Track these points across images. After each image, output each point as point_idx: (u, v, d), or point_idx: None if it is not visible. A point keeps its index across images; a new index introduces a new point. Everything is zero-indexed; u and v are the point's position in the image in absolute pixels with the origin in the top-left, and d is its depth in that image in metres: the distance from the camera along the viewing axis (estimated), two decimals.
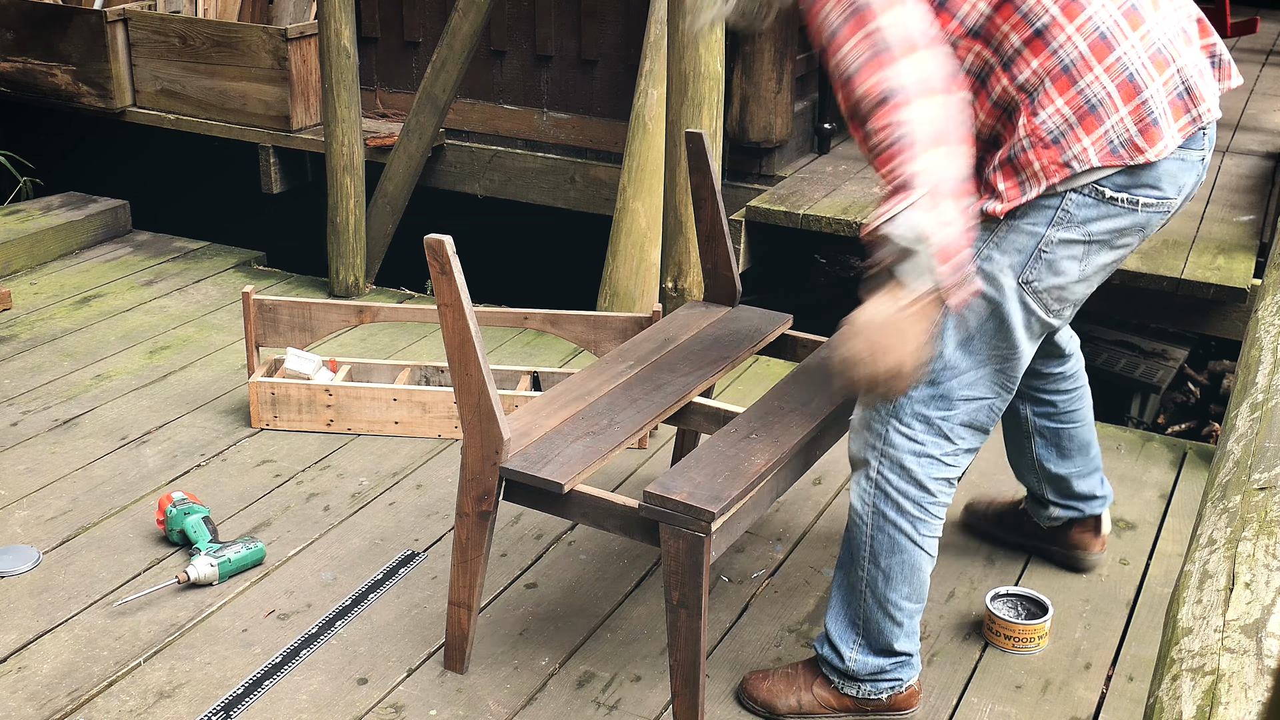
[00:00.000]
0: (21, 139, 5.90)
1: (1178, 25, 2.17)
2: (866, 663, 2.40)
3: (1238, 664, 1.18)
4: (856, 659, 2.40)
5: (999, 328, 2.20)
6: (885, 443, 2.27)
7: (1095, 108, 2.06)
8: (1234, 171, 5.09)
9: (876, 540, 2.31)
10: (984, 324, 2.20)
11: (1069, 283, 2.19)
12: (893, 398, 2.20)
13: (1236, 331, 4.17)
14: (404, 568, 2.92)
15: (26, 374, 3.85)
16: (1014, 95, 2.11)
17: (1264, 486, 1.48)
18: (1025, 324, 2.21)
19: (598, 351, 3.48)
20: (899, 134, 1.90)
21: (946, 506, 2.33)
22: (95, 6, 5.42)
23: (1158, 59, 2.10)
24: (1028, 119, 2.09)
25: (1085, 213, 2.13)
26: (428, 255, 2.23)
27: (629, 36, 4.80)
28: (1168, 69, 2.12)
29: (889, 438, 2.26)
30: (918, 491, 2.28)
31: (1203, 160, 2.20)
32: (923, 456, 2.26)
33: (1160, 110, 2.10)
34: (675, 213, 3.80)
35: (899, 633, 2.37)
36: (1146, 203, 2.14)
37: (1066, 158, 2.07)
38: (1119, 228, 2.16)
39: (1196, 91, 2.16)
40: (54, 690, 2.51)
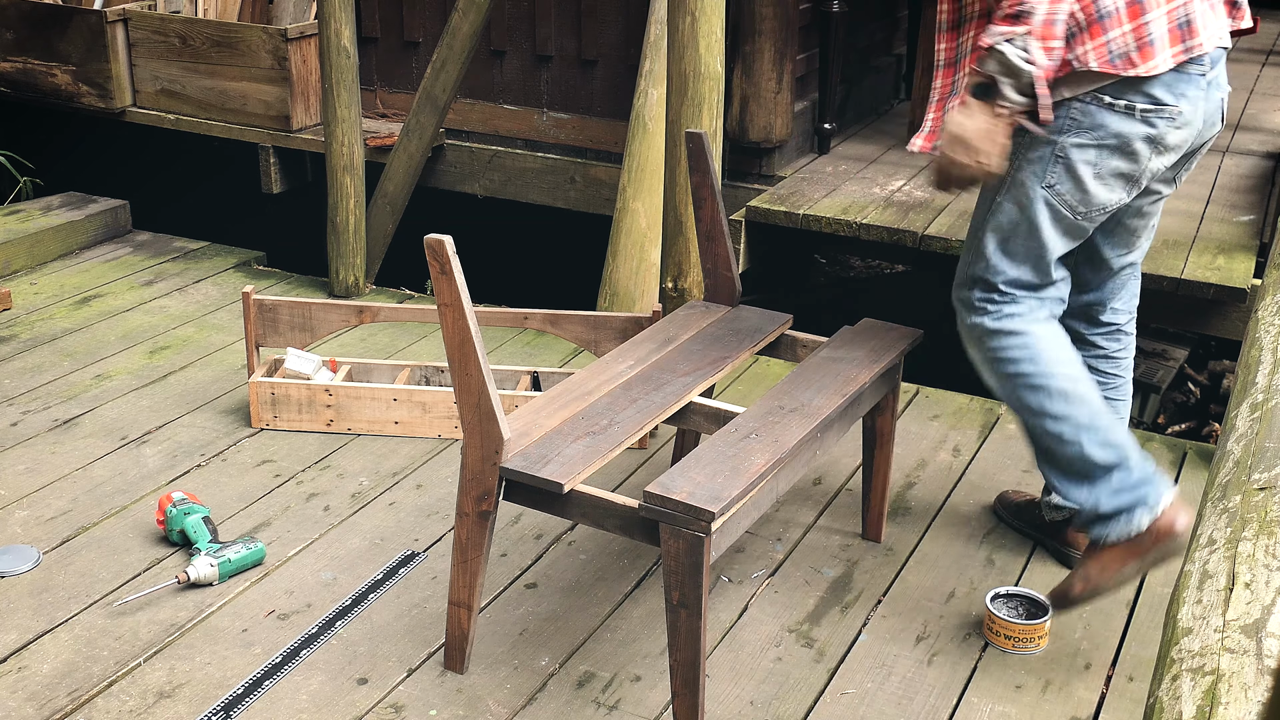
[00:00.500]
0: (21, 139, 5.90)
1: None
2: (1097, 496, 2.52)
3: (1238, 664, 1.18)
4: (1088, 498, 2.53)
5: (1030, 230, 2.52)
6: (965, 308, 2.67)
7: (1103, 18, 2.32)
8: (1234, 171, 5.09)
9: (1003, 390, 2.63)
10: (1017, 227, 2.53)
11: (1087, 183, 2.45)
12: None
13: (1236, 331, 4.17)
14: (404, 568, 2.92)
15: (26, 374, 3.85)
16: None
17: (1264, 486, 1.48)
18: (1053, 224, 2.51)
19: (598, 351, 3.48)
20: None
21: (1039, 322, 2.60)
22: (95, 6, 5.42)
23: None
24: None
25: (1090, 119, 2.39)
26: (428, 255, 2.23)
27: (629, 36, 4.80)
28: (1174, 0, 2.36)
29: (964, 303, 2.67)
30: (999, 339, 2.62)
31: (1204, 77, 2.45)
32: (986, 315, 2.63)
33: (1159, 34, 2.34)
34: (675, 213, 3.80)
35: (1087, 444, 2.50)
36: (1144, 109, 2.38)
37: (1070, 56, 2.33)
38: (1122, 132, 2.40)
39: (1195, 25, 2.40)
40: (54, 690, 2.51)
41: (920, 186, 4.84)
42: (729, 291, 3.04)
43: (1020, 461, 3.47)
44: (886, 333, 2.92)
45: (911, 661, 2.66)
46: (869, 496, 3.03)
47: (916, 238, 4.39)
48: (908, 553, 3.04)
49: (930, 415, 3.73)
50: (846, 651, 2.68)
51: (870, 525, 3.06)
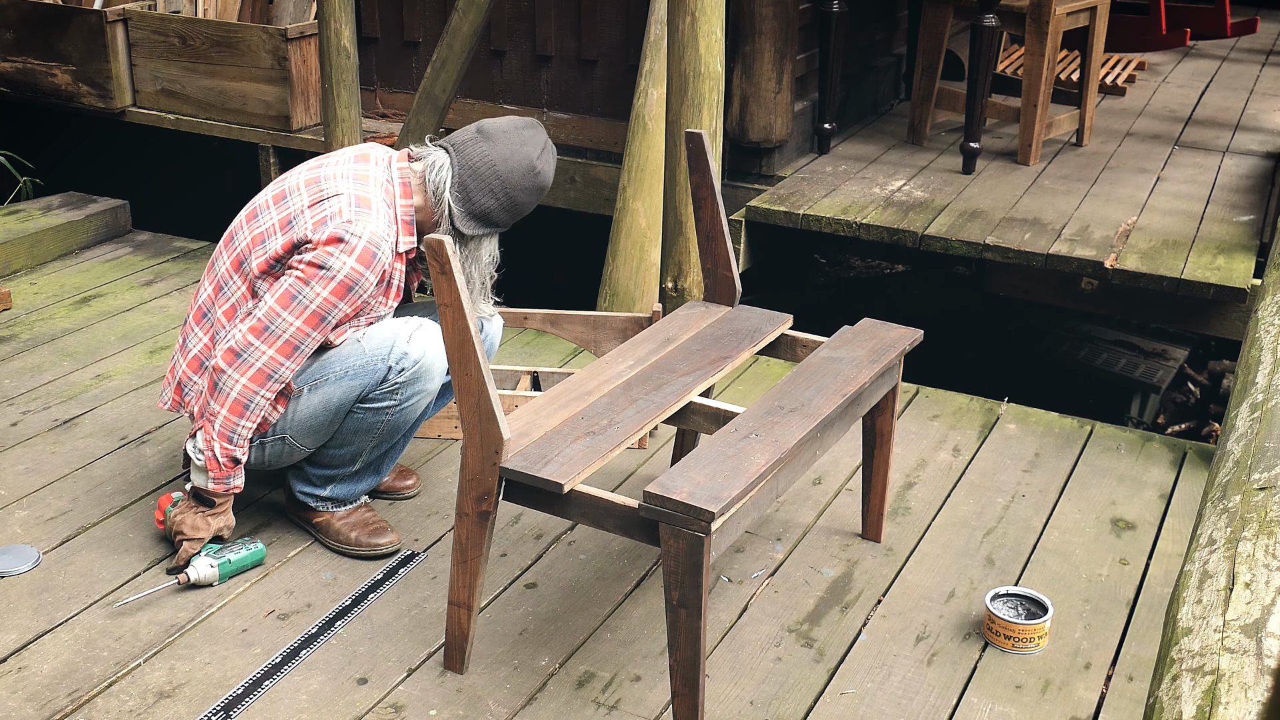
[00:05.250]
0: (21, 139, 5.90)
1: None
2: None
3: (1238, 664, 1.18)
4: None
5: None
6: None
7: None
8: (1234, 171, 5.09)
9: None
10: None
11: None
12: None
13: (1236, 331, 4.18)
14: (404, 568, 2.92)
15: (26, 374, 3.85)
16: None
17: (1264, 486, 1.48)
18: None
19: (598, 351, 3.48)
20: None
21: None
22: (95, 6, 5.42)
23: None
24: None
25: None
26: (427, 255, 2.23)
27: (629, 36, 4.80)
28: None
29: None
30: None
31: None
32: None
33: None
34: (675, 213, 3.80)
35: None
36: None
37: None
38: None
39: None
40: (54, 690, 2.51)
41: (920, 186, 4.85)
42: (729, 291, 3.04)
43: (1020, 461, 3.48)
44: (886, 333, 2.92)
45: (911, 661, 2.66)
46: (869, 496, 3.03)
47: (916, 238, 4.39)
48: (908, 553, 3.04)
49: (930, 415, 3.73)
50: (846, 651, 2.68)
51: (870, 525, 3.06)
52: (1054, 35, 4.93)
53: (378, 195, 2.71)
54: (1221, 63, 7.10)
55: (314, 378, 2.76)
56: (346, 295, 2.65)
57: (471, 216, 2.76)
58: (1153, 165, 5.16)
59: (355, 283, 2.65)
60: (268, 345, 2.64)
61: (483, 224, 2.77)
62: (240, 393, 2.65)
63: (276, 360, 2.65)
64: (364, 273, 2.65)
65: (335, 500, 2.95)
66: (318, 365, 2.77)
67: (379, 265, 2.66)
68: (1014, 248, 4.24)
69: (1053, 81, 5.15)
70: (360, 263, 2.64)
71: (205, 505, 2.79)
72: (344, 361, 2.76)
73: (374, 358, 2.74)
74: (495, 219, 2.77)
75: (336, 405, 2.77)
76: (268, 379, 2.66)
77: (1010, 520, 3.19)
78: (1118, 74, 6.53)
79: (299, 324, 2.64)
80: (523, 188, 2.74)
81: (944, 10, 5.20)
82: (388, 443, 2.89)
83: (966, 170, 5.00)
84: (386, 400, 2.78)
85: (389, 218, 2.71)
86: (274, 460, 2.86)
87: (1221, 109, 6.08)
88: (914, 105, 5.40)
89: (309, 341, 2.67)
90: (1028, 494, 3.31)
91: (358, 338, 2.78)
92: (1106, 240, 4.28)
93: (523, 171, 2.73)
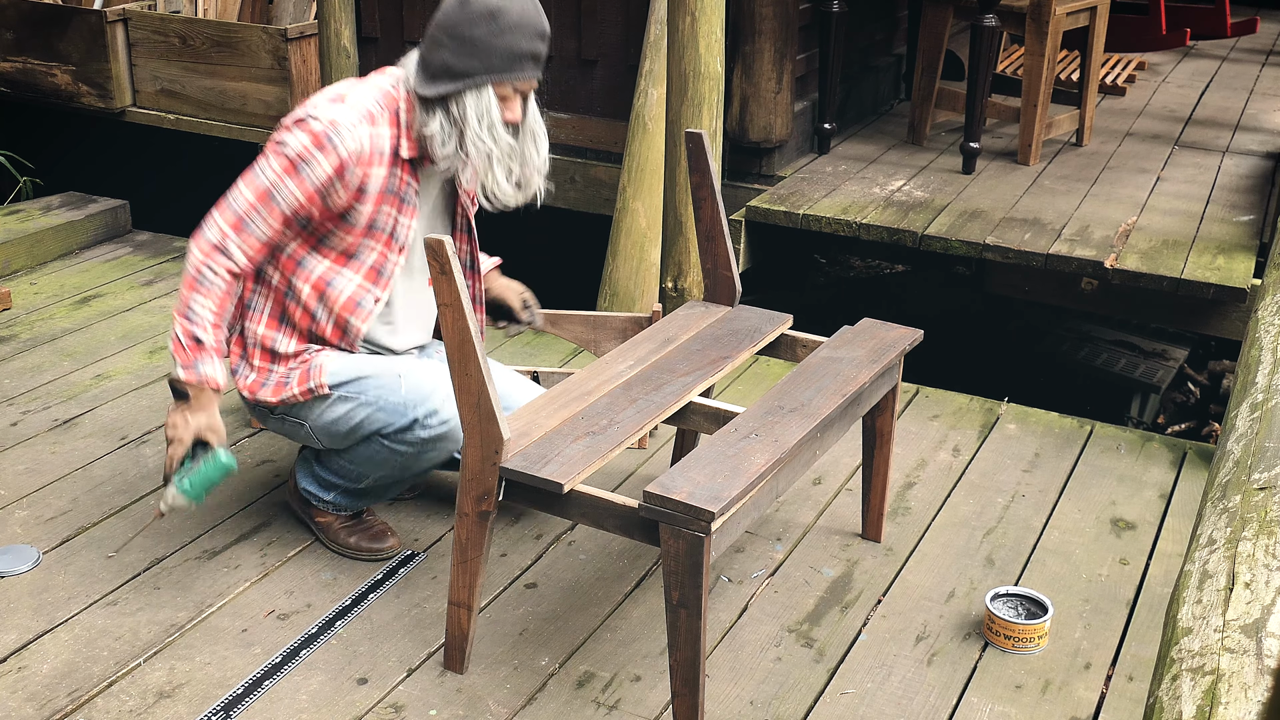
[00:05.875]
0: (21, 139, 5.90)
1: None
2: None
3: (1238, 664, 1.18)
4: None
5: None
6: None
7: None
8: (1234, 171, 5.09)
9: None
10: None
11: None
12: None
13: (1236, 331, 4.18)
14: (404, 568, 2.92)
15: (26, 374, 3.85)
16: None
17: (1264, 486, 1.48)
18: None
19: (598, 351, 3.48)
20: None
21: None
22: (95, 6, 5.42)
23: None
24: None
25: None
26: (427, 256, 2.23)
27: (629, 36, 4.80)
28: None
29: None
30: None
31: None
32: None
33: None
34: (675, 213, 3.80)
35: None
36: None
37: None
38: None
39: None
40: (54, 690, 2.51)
41: (920, 186, 4.84)
42: (729, 291, 3.04)
43: (1020, 461, 3.48)
44: (886, 333, 2.92)
45: (911, 661, 2.66)
46: (869, 496, 3.03)
47: (916, 238, 4.39)
48: (908, 553, 3.04)
49: (930, 415, 3.73)
50: (846, 651, 2.68)
51: (870, 525, 3.06)
52: (1054, 35, 4.93)
53: (368, 97, 2.64)
54: (1221, 63, 7.10)
55: (349, 390, 2.71)
56: (294, 174, 2.57)
57: (427, 76, 2.59)
58: (1153, 165, 5.16)
59: (304, 161, 2.56)
60: (223, 219, 2.60)
61: (444, 77, 2.57)
62: (194, 266, 2.60)
63: (225, 233, 2.59)
64: (314, 153, 2.56)
65: (337, 506, 2.94)
66: (357, 380, 2.71)
67: (334, 151, 2.57)
68: (1014, 248, 4.24)
69: (1053, 81, 5.15)
70: (313, 143, 2.56)
71: (183, 400, 2.64)
72: (380, 389, 2.70)
73: (407, 402, 2.68)
74: (455, 67, 2.56)
75: (357, 425, 2.73)
76: (216, 251, 2.60)
77: (1010, 520, 3.19)
78: (1118, 74, 6.53)
79: (250, 198, 2.59)
80: (470, 20, 2.54)
81: (944, 10, 5.20)
82: (397, 477, 2.84)
83: (966, 170, 5.00)
84: (405, 446, 2.71)
85: (377, 118, 2.62)
86: (289, 435, 2.85)
87: (1221, 109, 6.08)
88: (914, 105, 5.40)
89: (258, 220, 2.59)
90: (1028, 494, 3.31)
91: (400, 373, 2.70)
92: (1106, 240, 4.28)
93: (467, 5, 2.54)
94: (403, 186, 2.69)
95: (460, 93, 2.58)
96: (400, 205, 2.70)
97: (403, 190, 2.69)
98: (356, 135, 2.59)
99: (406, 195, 2.70)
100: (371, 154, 2.62)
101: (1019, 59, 6.40)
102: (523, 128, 2.69)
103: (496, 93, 2.60)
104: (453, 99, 2.59)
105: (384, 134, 2.64)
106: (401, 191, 2.69)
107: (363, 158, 2.61)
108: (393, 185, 2.68)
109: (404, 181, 2.69)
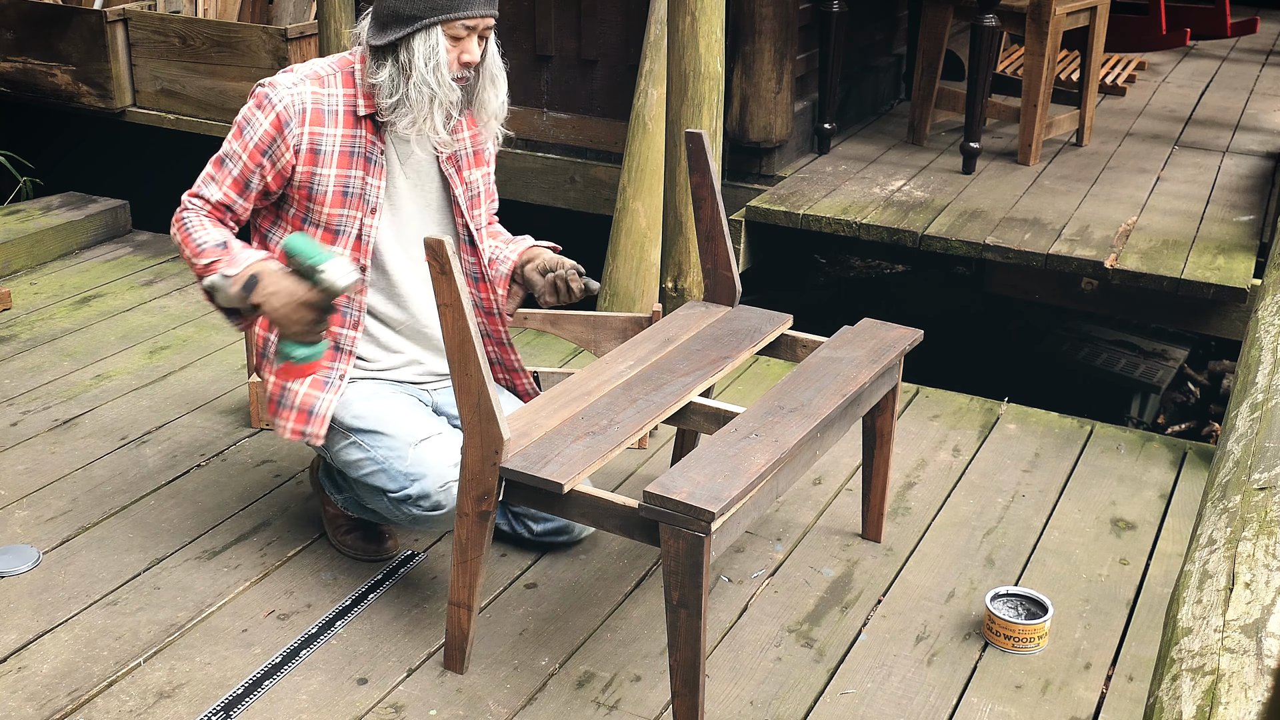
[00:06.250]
0: (21, 139, 5.90)
1: None
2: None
3: (1238, 664, 1.18)
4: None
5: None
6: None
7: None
8: (1234, 171, 5.09)
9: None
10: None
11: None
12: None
13: (1236, 331, 4.18)
14: (404, 568, 2.92)
15: (26, 374, 3.85)
16: None
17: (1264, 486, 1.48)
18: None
19: (598, 351, 3.48)
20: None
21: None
22: (95, 6, 5.42)
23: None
24: None
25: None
26: (427, 256, 2.23)
27: (629, 36, 4.80)
28: None
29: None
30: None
31: None
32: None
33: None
34: (675, 213, 3.80)
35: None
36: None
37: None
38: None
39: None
40: (54, 690, 2.51)
41: (920, 186, 4.85)
42: (729, 291, 3.04)
43: (1020, 461, 3.48)
44: (886, 333, 2.92)
45: (911, 661, 2.66)
46: (869, 496, 3.03)
47: (916, 238, 4.39)
48: (908, 553, 3.04)
49: (930, 415, 3.73)
50: (846, 651, 2.68)
51: (870, 525, 3.06)
52: (1054, 35, 4.93)
53: (321, 62, 2.66)
54: (1221, 63, 7.10)
55: (364, 440, 2.68)
56: (239, 137, 2.61)
57: (377, 26, 2.56)
58: (1153, 165, 5.16)
59: (247, 123, 2.61)
60: (188, 191, 2.68)
61: (393, 24, 2.54)
62: (177, 228, 2.64)
63: (190, 194, 2.67)
64: (255, 113, 2.59)
65: (346, 505, 2.93)
66: (375, 433, 2.68)
67: (271, 108, 2.58)
68: (1014, 248, 4.24)
69: (1053, 81, 5.15)
70: (255, 105, 2.61)
71: (250, 288, 2.50)
72: (389, 452, 2.66)
73: (408, 475, 2.64)
74: (402, 11, 2.52)
75: (363, 475, 2.70)
76: (184, 209, 2.66)
77: (1010, 520, 3.19)
78: (1118, 74, 6.53)
79: (209, 170, 2.67)
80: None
81: (944, 10, 5.20)
82: (396, 521, 2.80)
83: (966, 170, 5.00)
84: (398, 511, 2.69)
85: (326, 79, 2.62)
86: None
87: (1221, 109, 6.08)
88: (914, 105, 5.40)
89: (213, 185, 2.65)
90: (1028, 494, 3.31)
91: (416, 441, 2.65)
92: (1106, 240, 4.28)
93: None
94: (368, 146, 2.66)
95: (409, 37, 2.54)
96: (367, 166, 2.66)
97: (368, 149, 2.66)
98: (296, 93, 2.60)
99: (372, 155, 2.67)
100: (317, 113, 2.61)
101: (1019, 59, 6.40)
102: (481, 69, 2.67)
103: (447, 33, 2.56)
104: (401, 45, 2.56)
105: (335, 94, 2.63)
106: (367, 151, 2.66)
107: (304, 115, 2.60)
108: (357, 146, 2.65)
109: (369, 142, 2.66)
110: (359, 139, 2.65)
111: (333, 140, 2.62)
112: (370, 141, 2.66)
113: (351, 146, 2.64)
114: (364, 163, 2.66)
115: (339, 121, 2.63)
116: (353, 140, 2.64)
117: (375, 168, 2.67)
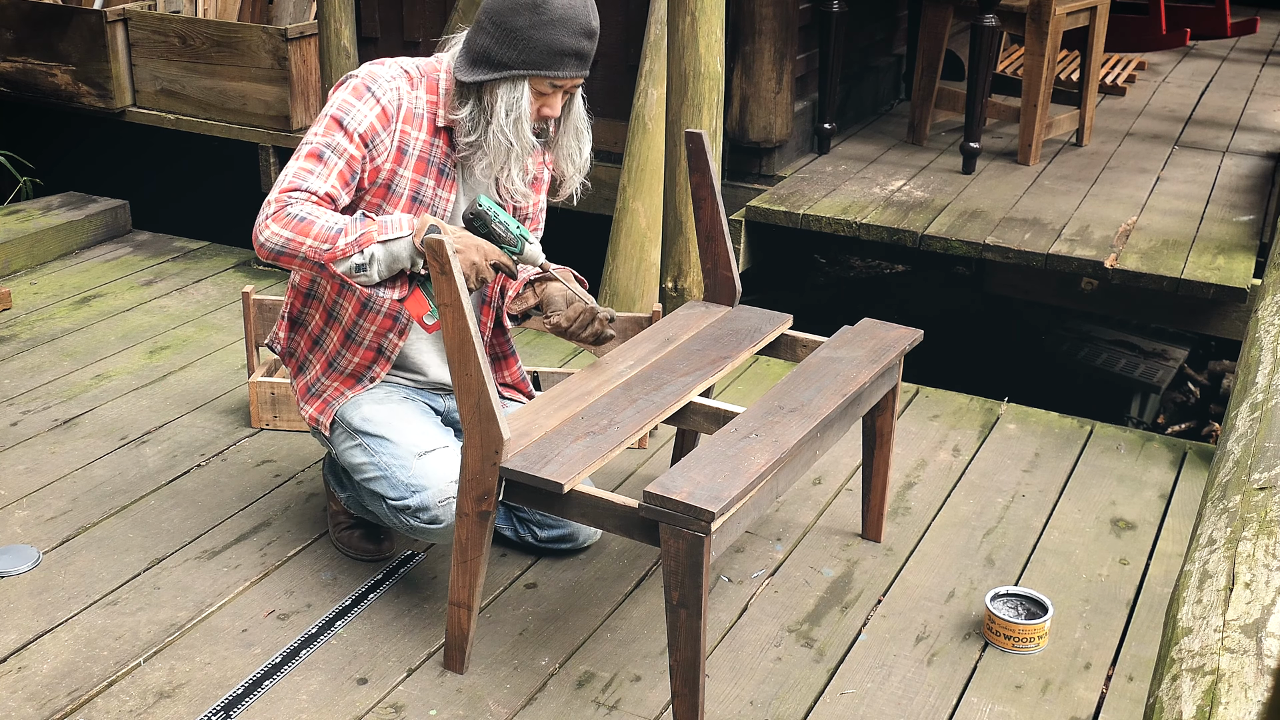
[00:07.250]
0: (21, 139, 5.90)
1: None
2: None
3: (1238, 664, 1.18)
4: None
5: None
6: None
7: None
8: (1234, 171, 5.09)
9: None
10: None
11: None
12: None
13: (1236, 331, 4.18)
14: (404, 568, 2.92)
15: (26, 374, 3.85)
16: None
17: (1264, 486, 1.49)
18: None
19: (598, 351, 3.48)
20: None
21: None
22: (95, 6, 5.42)
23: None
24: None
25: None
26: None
27: (629, 36, 4.80)
28: None
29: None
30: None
31: None
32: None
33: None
34: (675, 213, 3.80)
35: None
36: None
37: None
38: None
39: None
40: (54, 690, 2.51)
41: (920, 186, 4.85)
42: (729, 291, 3.04)
43: (1020, 461, 3.48)
44: (886, 333, 2.92)
45: (911, 661, 2.66)
46: (869, 496, 3.03)
47: (916, 238, 4.39)
48: (908, 553, 3.04)
49: (930, 415, 3.73)
50: (846, 651, 2.68)
51: (870, 525, 3.06)
52: (1054, 35, 4.93)
53: (408, 61, 2.62)
54: (1221, 63, 7.10)
55: (371, 444, 2.68)
56: (340, 127, 2.52)
57: (468, 61, 2.54)
58: (1153, 165, 5.16)
59: (345, 112, 2.53)
60: (274, 191, 2.53)
61: (483, 65, 2.51)
62: (267, 228, 2.48)
63: (279, 194, 2.51)
64: (355, 104, 2.53)
65: (349, 503, 2.93)
66: (381, 439, 2.68)
67: (376, 101, 2.53)
68: (1014, 248, 4.24)
69: (1053, 81, 5.15)
70: (353, 94, 2.54)
71: (410, 271, 2.49)
72: (393, 460, 2.65)
73: (409, 485, 2.63)
74: (495, 56, 2.50)
75: (366, 479, 2.69)
76: (281, 203, 2.48)
77: (1010, 520, 3.19)
78: (1118, 74, 6.53)
79: (300, 165, 2.53)
80: (514, 9, 2.47)
81: (944, 10, 5.20)
82: (390, 527, 2.81)
83: (966, 170, 5.00)
84: (397, 520, 2.68)
85: (416, 81, 2.59)
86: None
87: (1221, 109, 6.08)
88: (914, 105, 5.40)
89: (312, 177, 2.51)
90: (1028, 494, 3.31)
91: (422, 452, 2.64)
92: (1106, 240, 4.28)
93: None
94: (442, 157, 2.64)
95: (495, 83, 2.52)
96: (439, 178, 2.64)
97: (442, 161, 2.64)
98: (395, 87, 2.56)
99: (445, 168, 2.64)
100: (410, 114, 2.58)
101: (1019, 59, 6.40)
102: (565, 124, 2.65)
103: (533, 88, 2.54)
104: (486, 88, 2.54)
105: (421, 98, 2.60)
106: (441, 163, 2.64)
107: (401, 113, 2.57)
108: (433, 156, 2.63)
109: (444, 153, 2.64)
110: (436, 149, 2.63)
111: (415, 144, 2.61)
112: (445, 153, 2.65)
113: (429, 154, 2.63)
114: (436, 173, 2.64)
115: (423, 126, 2.61)
116: (430, 148, 2.63)
117: (446, 180, 2.66)
